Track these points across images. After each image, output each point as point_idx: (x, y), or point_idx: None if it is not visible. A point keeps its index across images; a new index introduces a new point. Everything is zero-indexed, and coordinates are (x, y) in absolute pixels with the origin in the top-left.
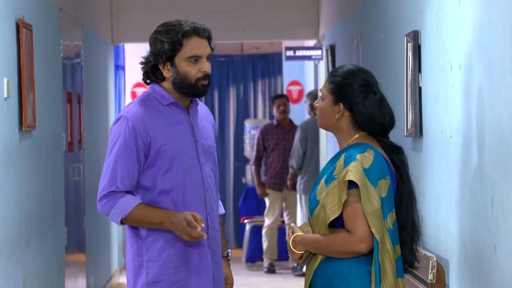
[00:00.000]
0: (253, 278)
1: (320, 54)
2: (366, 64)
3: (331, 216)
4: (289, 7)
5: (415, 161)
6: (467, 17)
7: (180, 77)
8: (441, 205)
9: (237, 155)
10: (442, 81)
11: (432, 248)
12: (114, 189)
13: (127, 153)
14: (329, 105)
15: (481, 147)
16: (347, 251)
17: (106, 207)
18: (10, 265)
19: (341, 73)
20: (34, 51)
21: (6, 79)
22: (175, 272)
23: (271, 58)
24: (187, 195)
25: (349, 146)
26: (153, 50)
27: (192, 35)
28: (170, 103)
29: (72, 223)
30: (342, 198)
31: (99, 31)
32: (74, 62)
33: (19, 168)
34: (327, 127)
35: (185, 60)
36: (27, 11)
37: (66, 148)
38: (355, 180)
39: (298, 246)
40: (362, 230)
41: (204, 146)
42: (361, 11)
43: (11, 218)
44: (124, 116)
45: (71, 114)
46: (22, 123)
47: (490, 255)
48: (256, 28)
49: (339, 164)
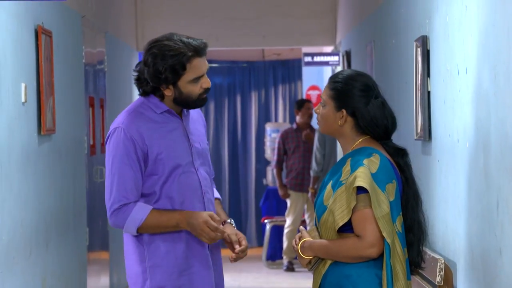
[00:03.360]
0: (273, 276)
1: (337, 60)
2: (378, 69)
3: (340, 222)
4: (307, 15)
5: (425, 165)
6: (473, 21)
7: (183, 96)
8: (449, 207)
9: (258, 157)
10: (449, 86)
11: (440, 250)
12: (125, 201)
13: (129, 163)
14: (331, 112)
15: (487, 151)
16: (357, 256)
17: (119, 220)
18: (28, 266)
19: (341, 78)
20: (54, 57)
21: (24, 84)
22: (178, 276)
23: (291, 64)
24: (187, 200)
25: (354, 151)
26: (154, 73)
27: (194, 57)
28: (164, 111)
29: (94, 223)
30: (351, 203)
31: (123, 38)
32: (97, 68)
33: (37, 171)
34: (330, 133)
35: (189, 82)
36: (47, 18)
37: (88, 151)
38: (365, 186)
39: (307, 251)
40: (372, 235)
41: (198, 150)
42: (374, 18)
43: (29, 219)
44: (119, 128)
45: (94, 118)
46: (41, 127)
47: (496, 259)
48: (275, 35)
49: (346, 169)
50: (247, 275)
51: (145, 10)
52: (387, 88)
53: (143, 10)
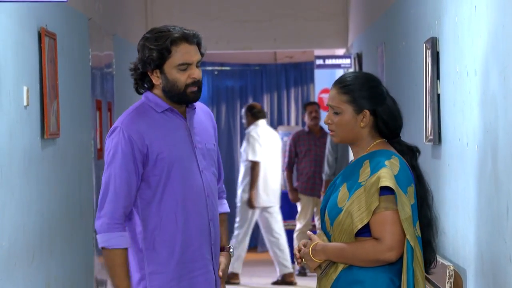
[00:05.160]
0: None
1: (349, 62)
2: (389, 72)
3: (359, 225)
4: (319, 17)
5: (434, 168)
6: (482, 22)
7: (169, 84)
8: (459, 212)
9: None
10: (459, 88)
11: (450, 256)
12: (117, 222)
13: (126, 166)
14: (351, 116)
15: (496, 155)
16: (375, 260)
17: (103, 229)
18: (30, 273)
19: (352, 81)
20: (59, 60)
21: (26, 87)
22: (178, 283)
23: (304, 66)
24: (188, 203)
25: (370, 154)
26: (141, 57)
27: (181, 42)
28: (165, 110)
29: None
30: (372, 205)
31: (133, 41)
32: (104, 71)
33: (41, 175)
34: (349, 140)
35: (175, 67)
36: (51, 20)
37: (96, 155)
38: (391, 186)
39: (319, 255)
40: (391, 238)
41: (203, 151)
42: (384, 19)
43: (32, 224)
44: (119, 127)
45: (101, 122)
46: (44, 131)
47: (505, 266)
48: (287, 38)
49: (365, 171)
50: (258, 280)
51: (155, 12)
52: (398, 90)
53: (154, 13)
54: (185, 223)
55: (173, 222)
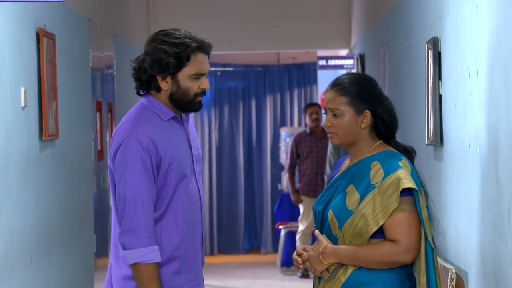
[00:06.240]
0: (288, 282)
1: (352, 63)
2: (391, 72)
3: (374, 227)
4: (321, 18)
5: (436, 170)
6: (484, 22)
7: (180, 92)
8: (461, 215)
9: (273, 162)
10: (460, 89)
11: (452, 259)
12: (149, 235)
13: (148, 177)
14: (352, 118)
15: (497, 157)
16: (392, 262)
17: (135, 244)
18: (28, 276)
19: (350, 82)
20: (57, 61)
21: (23, 88)
22: None
23: (307, 67)
24: (188, 213)
25: (376, 155)
26: (155, 60)
27: (199, 51)
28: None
29: (102, 230)
30: (390, 206)
31: (134, 42)
32: (105, 72)
33: (39, 176)
34: (349, 141)
35: (189, 76)
36: (50, 21)
37: (96, 156)
38: (414, 187)
39: (329, 257)
40: (409, 239)
41: (196, 157)
42: (387, 20)
43: (29, 227)
44: (135, 137)
45: (101, 123)
46: (43, 132)
47: (507, 269)
48: (289, 39)
49: (378, 172)
50: (260, 282)
51: (157, 13)
52: (400, 92)
53: (155, 14)
54: (186, 233)
55: (175, 232)
